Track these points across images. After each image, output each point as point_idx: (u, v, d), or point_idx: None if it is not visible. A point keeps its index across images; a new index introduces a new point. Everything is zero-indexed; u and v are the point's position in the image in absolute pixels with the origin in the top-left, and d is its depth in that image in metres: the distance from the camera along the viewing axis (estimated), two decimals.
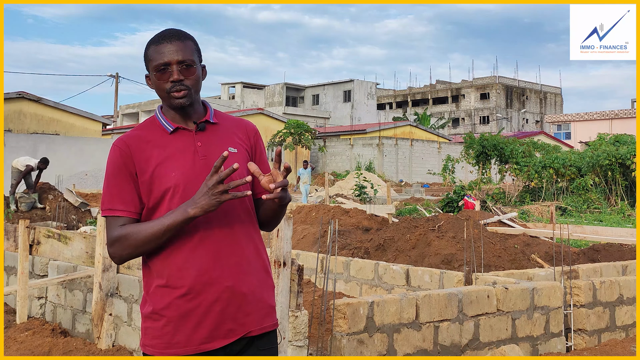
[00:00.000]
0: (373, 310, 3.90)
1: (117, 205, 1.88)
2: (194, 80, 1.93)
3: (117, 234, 1.86)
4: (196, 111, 1.97)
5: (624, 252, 8.05)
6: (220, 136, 1.98)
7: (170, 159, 1.89)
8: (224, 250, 1.88)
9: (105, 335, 4.95)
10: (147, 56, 1.96)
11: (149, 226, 1.84)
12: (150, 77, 1.97)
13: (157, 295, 1.88)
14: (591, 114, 47.25)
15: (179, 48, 1.91)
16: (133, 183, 1.89)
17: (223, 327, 1.86)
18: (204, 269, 1.85)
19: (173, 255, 1.86)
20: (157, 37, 1.95)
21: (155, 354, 1.87)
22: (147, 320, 1.91)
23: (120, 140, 1.93)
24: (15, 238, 6.14)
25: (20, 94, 25.52)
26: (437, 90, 67.81)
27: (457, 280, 5.74)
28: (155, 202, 1.89)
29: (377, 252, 8.14)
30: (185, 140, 1.93)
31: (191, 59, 1.92)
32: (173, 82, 1.90)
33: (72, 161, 23.83)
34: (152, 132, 1.96)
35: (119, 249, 1.87)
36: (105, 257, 4.97)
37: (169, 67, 1.90)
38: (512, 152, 21.34)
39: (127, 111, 54.69)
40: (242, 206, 1.94)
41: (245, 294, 1.89)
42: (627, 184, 18.32)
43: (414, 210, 14.73)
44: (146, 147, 1.91)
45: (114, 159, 1.91)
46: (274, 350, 1.99)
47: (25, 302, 5.75)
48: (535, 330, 4.71)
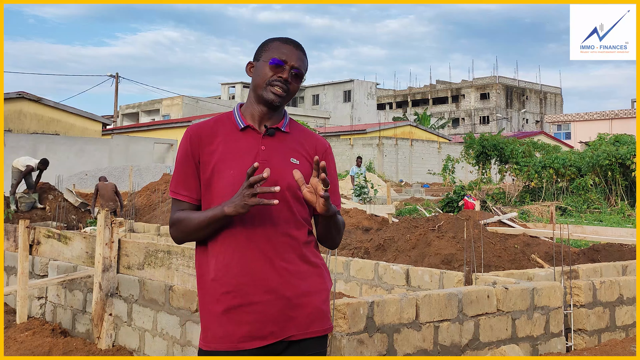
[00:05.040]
0: (373, 310, 3.90)
1: (180, 190, 1.99)
2: (295, 89, 2.02)
3: (175, 217, 1.98)
4: (275, 117, 2.03)
5: (624, 252, 8.05)
6: (287, 145, 2.02)
7: (232, 157, 1.95)
8: (272, 254, 1.91)
9: (105, 335, 4.95)
10: (266, 46, 2.03)
11: (196, 216, 1.93)
12: (255, 65, 2.03)
13: (206, 289, 1.95)
14: (591, 114, 47.25)
15: (300, 57, 2.01)
16: (196, 171, 1.98)
17: (264, 328, 1.88)
18: (249, 270, 1.89)
19: (222, 252, 1.92)
20: (284, 38, 2.04)
21: (202, 347, 1.94)
22: (200, 314, 1.99)
23: (193, 128, 2.01)
24: (15, 238, 6.14)
25: (20, 94, 25.50)
26: (437, 90, 67.80)
27: (457, 280, 5.74)
28: (212, 194, 1.95)
29: (377, 252, 8.14)
30: (252, 141, 1.98)
31: (303, 72, 2.03)
32: (280, 78, 1.97)
33: (72, 161, 23.84)
34: (224, 126, 2.02)
35: (175, 232, 1.99)
36: (105, 257, 4.97)
37: (284, 65, 1.97)
38: (512, 152, 21.33)
39: (127, 111, 54.64)
40: (291, 214, 1.96)
41: (289, 298, 1.90)
42: (627, 184, 18.31)
43: (414, 210, 14.73)
44: (214, 140, 1.98)
45: (184, 145, 2.00)
46: (321, 355, 1.98)
47: (25, 302, 5.74)
48: (535, 330, 4.71)
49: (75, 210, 14.55)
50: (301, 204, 1.99)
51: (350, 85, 54.83)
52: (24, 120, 25.69)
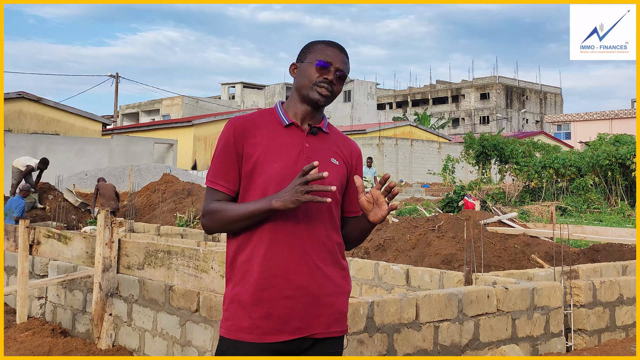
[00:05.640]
0: (373, 310, 3.90)
1: (219, 181, 2.00)
2: (339, 90, 2.07)
3: (211, 207, 1.98)
4: (317, 117, 2.09)
5: (624, 252, 8.04)
6: (327, 145, 2.08)
7: (276, 150, 1.98)
8: (305, 251, 1.95)
9: (105, 335, 4.95)
10: (310, 48, 2.08)
11: (236, 207, 1.94)
12: (300, 66, 2.08)
13: (237, 279, 1.97)
14: (591, 114, 47.23)
15: (344, 60, 2.07)
16: (237, 163, 1.99)
17: (290, 323, 1.92)
18: (281, 264, 1.93)
19: (260, 245, 1.94)
20: (328, 41, 2.10)
21: (225, 336, 1.95)
22: (225, 303, 1.99)
23: (237, 119, 2.03)
24: (15, 238, 6.14)
25: (20, 94, 25.49)
26: (437, 90, 67.79)
27: (457, 280, 5.74)
28: (252, 186, 1.97)
29: (377, 252, 8.14)
30: (296, 138, 2.03)
31: (346, 75, 2.08)
32: (325, 80, 2.02)
33: (72, 161, 23.83)
34: (267, 121, 2.05)
35: (209, 222, 1.99)
36: (105, 257, 4.97)
37: (330, 67, 2.03)
38: (512, 152, 21.31)
39: (127, 111, 54.63)
40: (330, 215, 2.02)
41: (317, 297, 1.96)
42: (627, 184, 18.30)
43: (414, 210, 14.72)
44: (258, 133, 2.01)
45: (227, 135, 2.01)
46: (337, 355, 2.04)
47: (25, 302, 5.74)
48: (535, 330, 4.71)
49: (75, 210, 14.55)
50: (338, 207, 2.07)
51: (350, 85, 54.81)
52: (24, 120, 25.69)
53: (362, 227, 2.07)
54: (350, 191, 2.13)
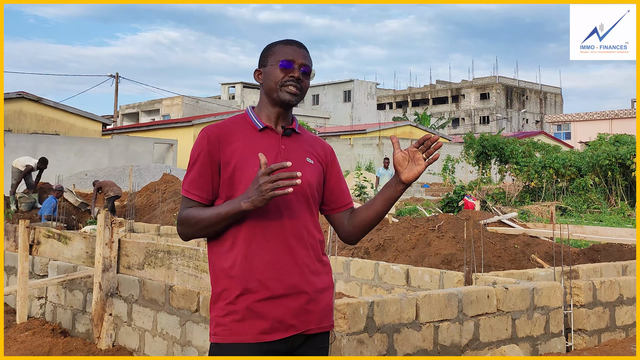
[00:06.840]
0: (373, 310, 3.90)
1: (193, 190, 2.01)
2: (306, 86, 2.08)
3: (184, 214, 2.00)
4: (288, 117, 2.11)
5: (624, 252, 8.05)
6: (301, 146, 2.11)
7: (254, 154, 1.98)
8: (292, 250, 1.97)
9: (105, 335, 4.95)
10: (270, 51, 2.09)
11: (208, 212, 1.94)
12: (263, 70, 2.09)
13: (224, 284, 1.96)
14: (591, 114, 47.23)
15: (305, 55, 2.08)
16: (211, 171, 2.00)
17: (285, 322, 1.94)
18: (274, 265, 1.94)
19: (245, 247, 1.95)
20: (285, 40, 2.11)
21: (218, 342, 1.95)
22: (214, 309, 1.99)
23: (210, 128, 2.04)
24: (15, 238, 6.14)
25: (20, 94, 25.48)
26: (437, 90, 67.80)
27: (457, 280, 5.74)
28: (234, 192, 1.97)
29: (377, 252, 8.14)
30: (271, 141, 2.05)
31: (310, 68, 2.10)
32: (292, 78, 2.03)
33: (72, 161, 23.83)
34: (242, 126, 2.07)
35: (184, 229, 2.01)
36: (105, 257, 4.97)
37: (293, 65, 2.04)
38: (512, 152, 21.32)
39: (127, 111, 54.62)
40: (311, 213, 2.05)
41: (308, 293, 1.98)
42: (627, 184, 18.30)
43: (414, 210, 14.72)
44: (234, 139, 2.02)
45: (201, 145, 2.01)
46: (325, 350, 2.08)
47: (25, 302, 5.74)
48: (535, 330, 4.71)
49: (75, 210, 14.56)
50: (317, 205, 2.10)
51: (350, 85, 54.81)
52: (24, 120, 25.68)
53: (386, 204, 2.06)
54: (331, 187, 2.16)
